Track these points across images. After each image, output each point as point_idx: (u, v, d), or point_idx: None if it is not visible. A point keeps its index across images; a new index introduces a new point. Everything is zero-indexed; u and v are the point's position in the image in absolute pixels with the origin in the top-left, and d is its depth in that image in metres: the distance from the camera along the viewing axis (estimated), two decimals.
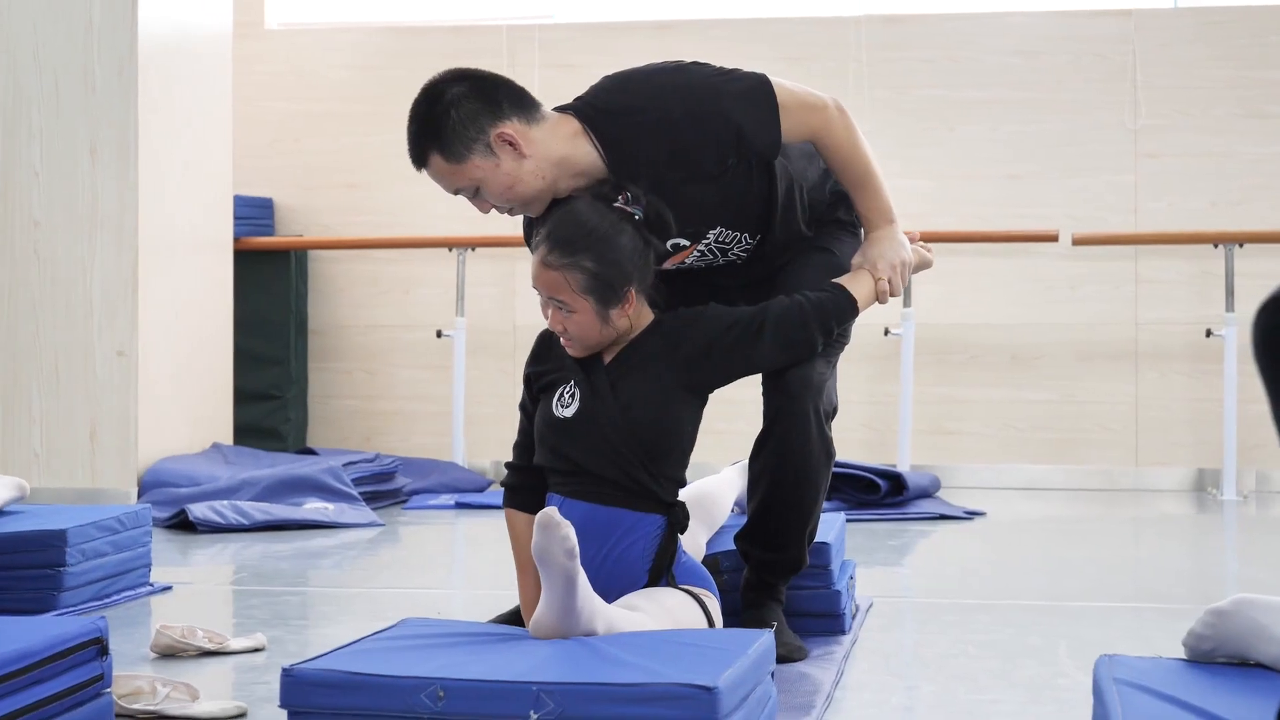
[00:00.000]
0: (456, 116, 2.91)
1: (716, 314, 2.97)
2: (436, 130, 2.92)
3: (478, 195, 2.98)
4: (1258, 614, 2.23)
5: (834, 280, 3.08)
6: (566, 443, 2.87)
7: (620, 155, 2.97)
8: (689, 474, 3.01)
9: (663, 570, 2.85)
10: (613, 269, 2.85)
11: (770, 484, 3.13)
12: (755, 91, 3.00)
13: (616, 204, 2.91)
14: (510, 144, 2.92)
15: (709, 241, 3.13)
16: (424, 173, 3.00)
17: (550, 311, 2.89)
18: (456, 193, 3.00)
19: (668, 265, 3.10)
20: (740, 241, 3.16)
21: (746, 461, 3.27)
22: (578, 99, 3.05)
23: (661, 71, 3.04)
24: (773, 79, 3.04)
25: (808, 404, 3.07)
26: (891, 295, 3.12)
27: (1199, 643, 2.31)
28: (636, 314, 2.92)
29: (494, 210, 3.03)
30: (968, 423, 6.83)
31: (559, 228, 2.87)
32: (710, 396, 3.01)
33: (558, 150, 2.96)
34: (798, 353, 3.01)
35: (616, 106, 2.99)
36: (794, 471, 3.10)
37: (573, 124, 2.98)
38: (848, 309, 3.04)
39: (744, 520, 3.26)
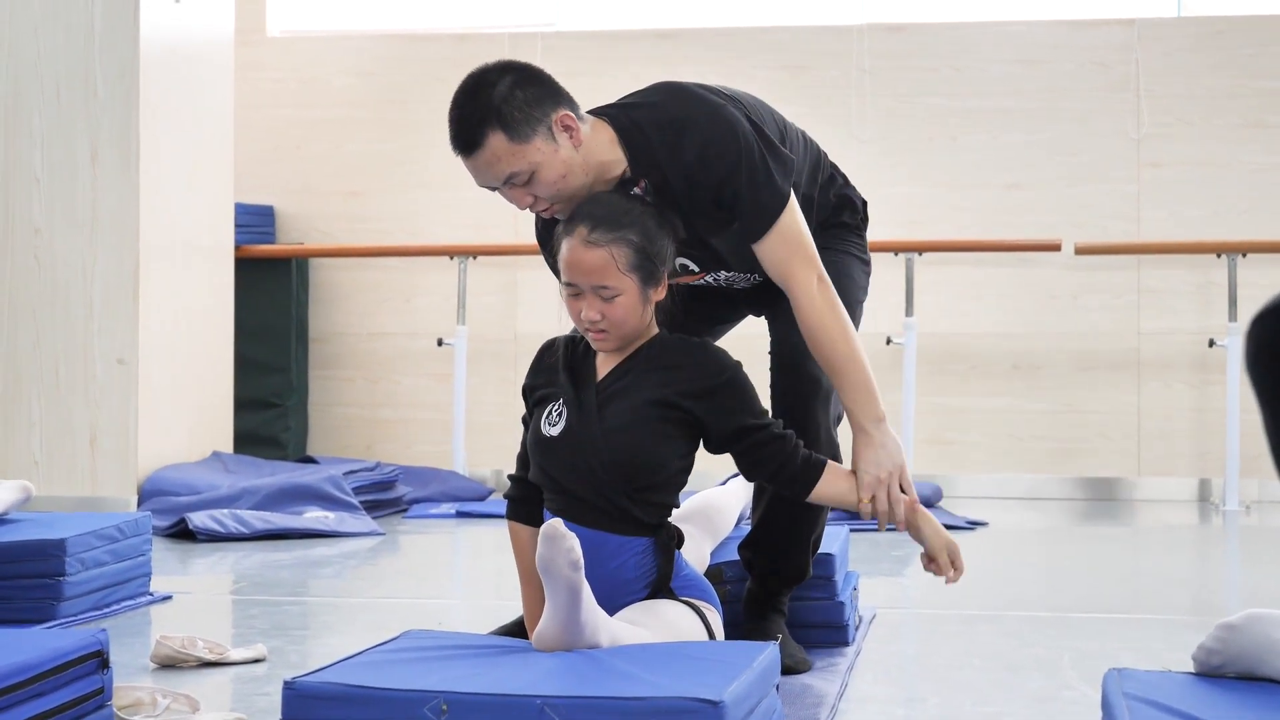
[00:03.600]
0: (522, 97, 2.83)
1: (738, 391, 2.86)
2: (499, 111, 2.82)
3: (529, 183, 2.87)
4: (1269, 629, 2.21)
5: (831, 461, 2.91)
6: (551, 462, 2.84)
7: (644, 173, 2.94)
8: (695, 480, 2.98)
9: (661, 587, 2.82)
10: (654, 244, 2.82)
11: (775, 495, 3.11)
12: (770, 190, 2.93)
13: (634, 193, 2.90)
14: (569, 129, 2.86)
15: (716, 279, 3.13)
16: (470, 159, 2.86)
17: (586, 302, 2.79)
18: (506, 180, 2.87)
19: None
20: (748, 279, 3.15)
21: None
22: (616, 105, 3.01)
23: (713, 108, 2.95)
24: (794, 210, 2.95)
25: (816, 411, 3.05)
26: (874, 516, 2.91)
27: (1209, 657, 2.29)
28: (650, 316, 2.89)
29: (528, 208, 2.93)
30: (969, 432, 6.81)
31: (594, 209, 2.82)
32: None
33: (598, 154, 2.92)
34: (753, 470, 2.90)
35: (653, 125, 2.94)
36: None
37: (609, 131, 2.95)
38: (805, 487, 2.87)
39: (748, 530, 3.25)
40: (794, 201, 2.97)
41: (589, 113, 2.98)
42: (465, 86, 2.87)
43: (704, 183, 2.91)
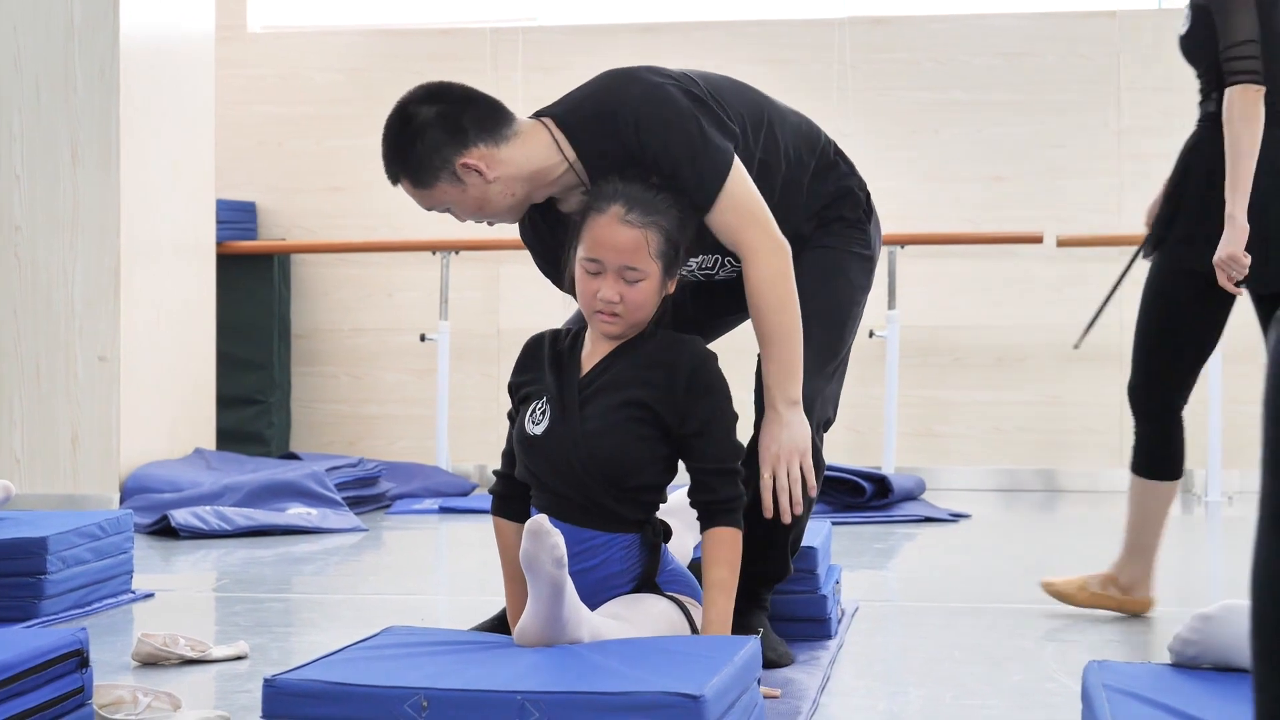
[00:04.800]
0: (421, 147, 2.93)
1: (702, 397, 2.81)
2: (403, 158, 2.97)
3: (448, 211, 3.02)
4: (1244, 619, 2.22)
5: (734, 531, 2.80)
6: (535, 460, 2.84)
7: (600, 162, 2.96)
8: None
9: (646, 583, 2.82)
10: (680, 235, 2.84)
11: (756, 496, 3.10)
12: (709, 155, 2.93)
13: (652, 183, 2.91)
14: (476, 171, 2.94)
15: (690, 269, 3.11)
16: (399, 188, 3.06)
17: (607, 281, 2.79)
18: (430, 209, 3.04)
19: None
20: (725, 266, 3.13)
21: None
22: (559, 101, 3.05)
23: (637, 79, 2.99)
24: (741, 174, 2.95)
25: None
26: (776, 495, 2.88)
27: (1185, 647, 2.29)
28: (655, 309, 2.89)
29: (471, 220, 3.06)
30: (953, 425, 6.82)
31: (629, 190, 2.83)
32: None
33: (529, 166, 2.97)
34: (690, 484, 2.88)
35: (591, 116, 2.97)
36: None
37: (545, 135, 2.98)
38: (703, 528, 2.83)
39: None
40: (739, 166, 2.97)
41: (534, 115, 3.02)
42: (386, 123, 3.01)
43: (647, 162, 2.92)
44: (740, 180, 2.96)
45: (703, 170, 2.93)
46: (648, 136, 2.92)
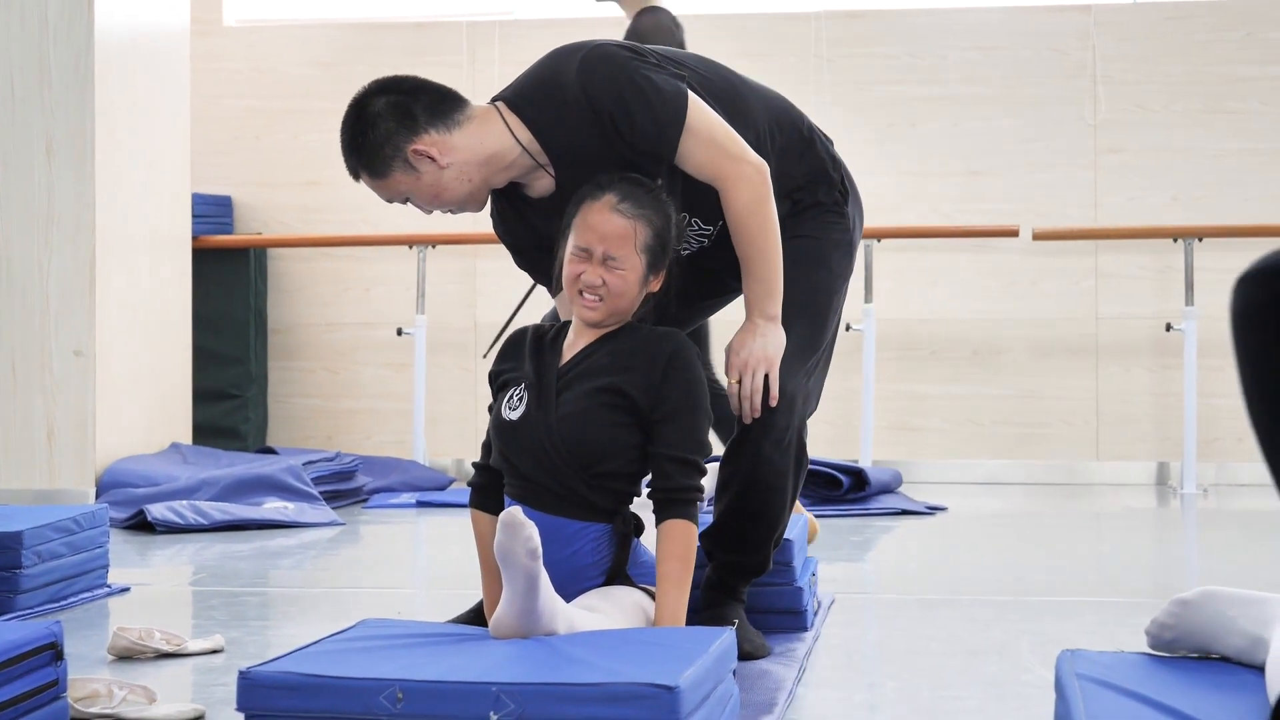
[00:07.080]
0: (373, 136, 2.97)
1: (673, 386, 2.82)
2: (358, 149, 3.00)
3: (408, 201, 3.05)
4: (1223, 606, 2.23)
5: (688, 525, 2.78)
6: (510, 447, 2.85)
7: (555, 139, 2.98)
8: None
9: (616, 575, 2.83)
10: (668, 234, 2.87)
11: (739, 491, 3.09)
12: (662, 98, 2.95)
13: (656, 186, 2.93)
14: (428, 157, 2.97)
15: None
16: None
17: (591, 266, 2.82)
18: (391, 201, 3.07)
19: None
20: (692, 226, 3.11)
21: (717, 464, 3.22)
22: (509, 87, 3.08)
23: (578, 48, 3.03)
24: (701, 108, 2.99)
25: (782, 419, 3.03)
26: (741, 399, 2.97)
27: (1162, 631, 2.30)
28: (638, 304, 2.90)
29: (437, 211, 3.08)
30: (929, 418, 6.83)
31: (624, 183, 2.87)
32: None
33: (483, 150, 2.99)
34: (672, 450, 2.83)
35: (540, 94, 3.00)
36: (764, 482, 3.06)
37: (497, 119, 3.00)
38: (658, 519, 2.81)
39: (710, 520, 3.23)
40: (696, 100, 2.99)
41: (492, 100, 3.04)
42: (345, 115, 3.04)
43: (605, 122, 2.94)
44: (701, 114, 2.99)
45: (658, 113, 2.95)
46: (596, 95, 2.95)
